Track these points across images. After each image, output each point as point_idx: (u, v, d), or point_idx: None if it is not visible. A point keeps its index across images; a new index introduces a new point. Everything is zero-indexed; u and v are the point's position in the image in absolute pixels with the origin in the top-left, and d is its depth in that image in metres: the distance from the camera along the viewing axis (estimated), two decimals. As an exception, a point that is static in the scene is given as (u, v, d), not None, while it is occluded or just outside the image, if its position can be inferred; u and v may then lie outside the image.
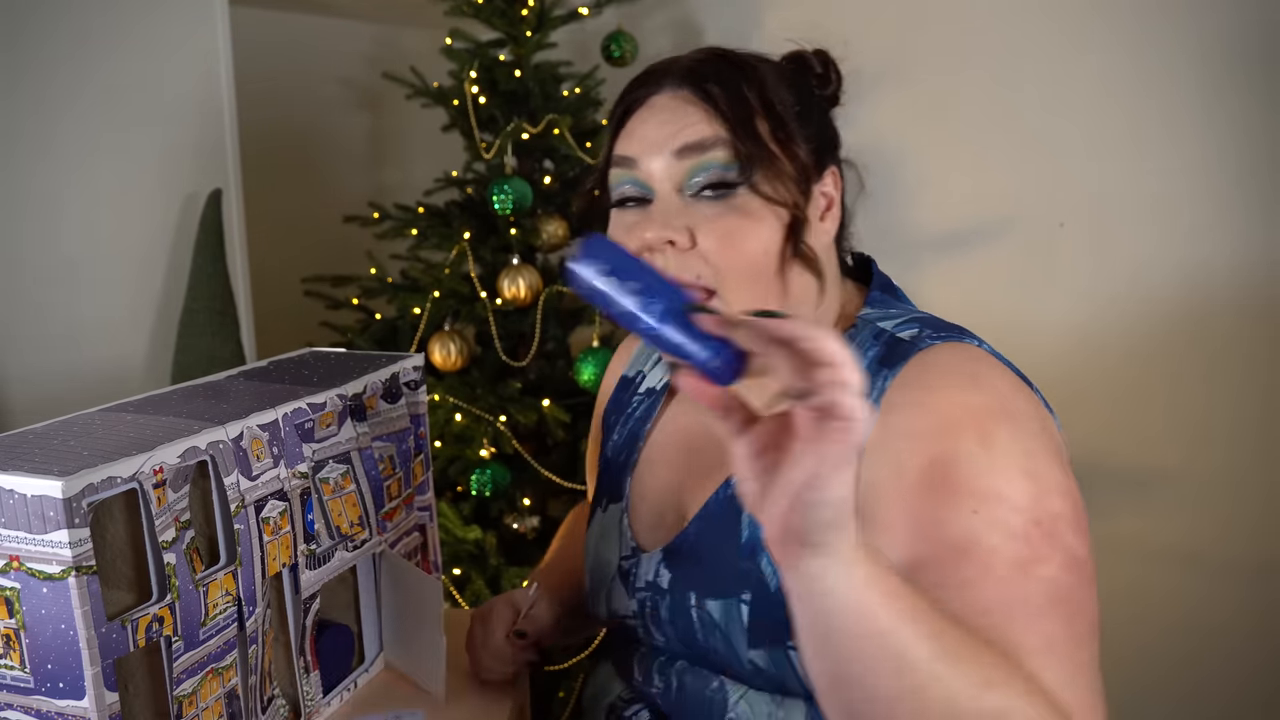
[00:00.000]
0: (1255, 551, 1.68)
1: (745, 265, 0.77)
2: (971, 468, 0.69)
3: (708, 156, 0.77)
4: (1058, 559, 0.67)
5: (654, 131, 0.78)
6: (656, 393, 0.96)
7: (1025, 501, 0.68)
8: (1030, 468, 0.69)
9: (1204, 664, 1.71)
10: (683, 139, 0.77)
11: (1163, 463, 1.73)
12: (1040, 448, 0.71)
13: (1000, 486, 0.68)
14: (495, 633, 0.93)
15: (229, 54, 1.79)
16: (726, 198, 0.77)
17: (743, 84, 0.78)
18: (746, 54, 0.81)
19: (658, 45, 2.16)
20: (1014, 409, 0.72)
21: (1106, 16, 1.69)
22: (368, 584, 0.96)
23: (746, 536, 0.78)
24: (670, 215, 0.77)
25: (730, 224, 0.76)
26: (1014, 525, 0.67)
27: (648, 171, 0.78)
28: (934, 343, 0.76)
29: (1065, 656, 0.65)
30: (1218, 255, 1.66)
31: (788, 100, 0.79)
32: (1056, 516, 0.68)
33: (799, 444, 0.51)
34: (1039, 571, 0.66)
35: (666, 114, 0.79)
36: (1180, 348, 1.71)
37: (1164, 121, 1.68)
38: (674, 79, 0.79)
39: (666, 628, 0.82)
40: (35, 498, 0.61)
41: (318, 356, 1.00)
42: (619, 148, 0.81)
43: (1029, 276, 1.81)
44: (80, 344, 1.70)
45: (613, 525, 0.91)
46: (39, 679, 0.64)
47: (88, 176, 1.69)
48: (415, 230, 1.84)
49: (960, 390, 0.72)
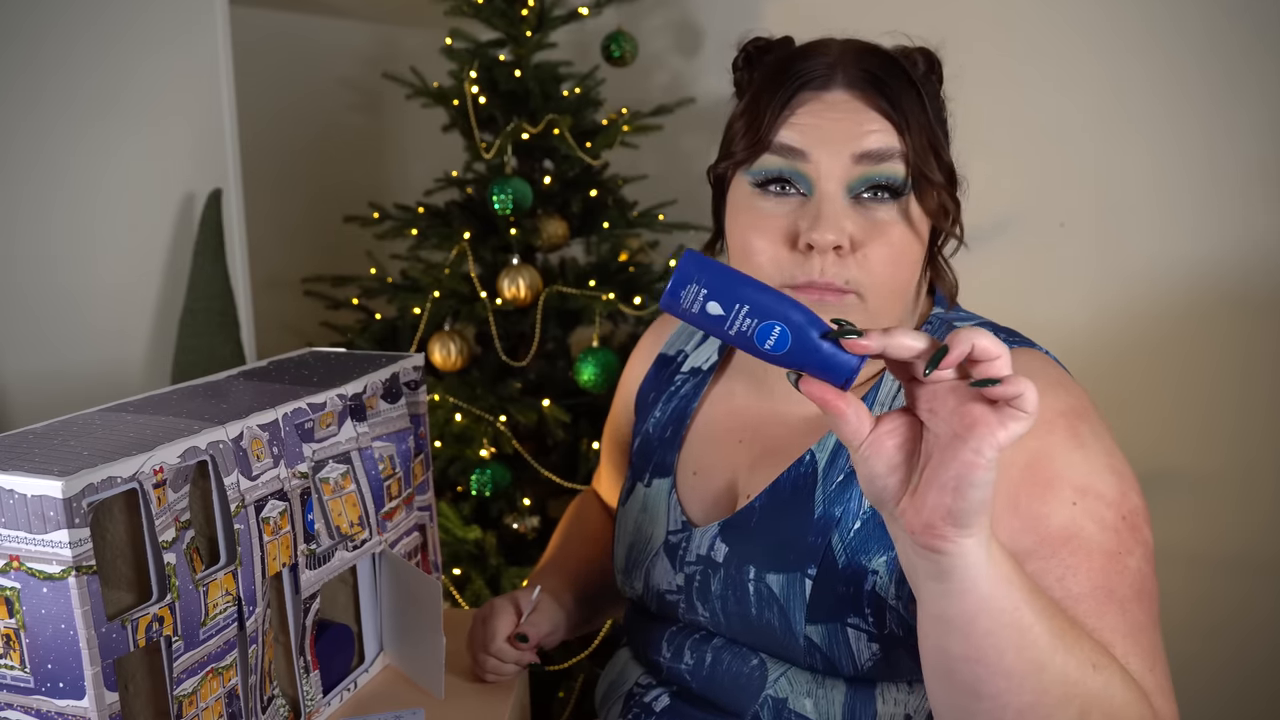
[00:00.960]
0: (1261, 550, 1.68)
1: (897, 280, 0.79)
2: (1067, 463, 0.73)
3: (884, 167, 0.77)
4: (1140, 550, 0.73)
5: (828, 129, 0.77)
6: (704, 372, 0.97)
7: (1114, 496, 0.73)
8: (1114, 465, 0.75)
9: (1210, 662, 1.71)
10: (864, 145, 0.76)
11: (1166, 462, 1.73)
12: (1115, 446, 0.76)
13: (1094, 481, 0.73)
14: (497, 635, 0.93)
15: (229, 54, 1.79)
16: (892, 207, 0.78)
17: (917, 92, 0.78)
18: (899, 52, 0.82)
19: (658, 45, 2.16)
20: (1092, 412, 0.77)
21: (1109, 14, 1.69)
22: (368, 584, 0.96)
23: (820, 513, 0.80)
24: (840, 218, 0.76)
25: (893, 236, 0.78)
26: (1107, 518, 0.72)
27: (816, 167, 0.77)
28: (1012, 347, 0.81)
29: (1147, 643, 0.70)
30: (1220, 254, 1.66)
31: (940, 108, 0.82)
32: (1136, 511, 0.74)
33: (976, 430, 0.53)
34: (1127, 562, 0.71)
35: (844, 114, 0.77)
36: (1183, 347, 1.71)
37: (1165, 120, 1.68)
38: (850, 75, 0.78)
39: (715, 602, 0.83)
40: (35, 498, 0.61)
41: (318, 356, 1.00)
42: (786, 136, 0.78)
43: (1029, 276, 1.81)
44: (80, 344, 1.70)
45: (659, 500, 0.92)
46: (39, 679, 0.64)
47: (87, 176, 1.69)
48: (415, 230, 1.84)
49: (1048, 394, 0.76)
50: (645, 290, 1.81)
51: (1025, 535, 0.72)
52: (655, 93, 2.14)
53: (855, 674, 0.78)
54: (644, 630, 0.92)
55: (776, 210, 0.78)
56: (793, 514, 0.81)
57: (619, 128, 1.79)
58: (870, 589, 0.77)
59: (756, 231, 0.79)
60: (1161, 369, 1.72)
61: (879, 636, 0.76)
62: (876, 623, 0.76)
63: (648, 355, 1.04)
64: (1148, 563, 0.73)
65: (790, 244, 0.77)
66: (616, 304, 1.73)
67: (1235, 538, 1.70)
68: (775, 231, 0.78)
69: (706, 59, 2.12)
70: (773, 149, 0.78)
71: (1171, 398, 1.72)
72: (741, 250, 0.81)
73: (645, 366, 1.03)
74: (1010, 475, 0.73)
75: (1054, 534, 0.72)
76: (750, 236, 0.79)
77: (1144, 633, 0.71)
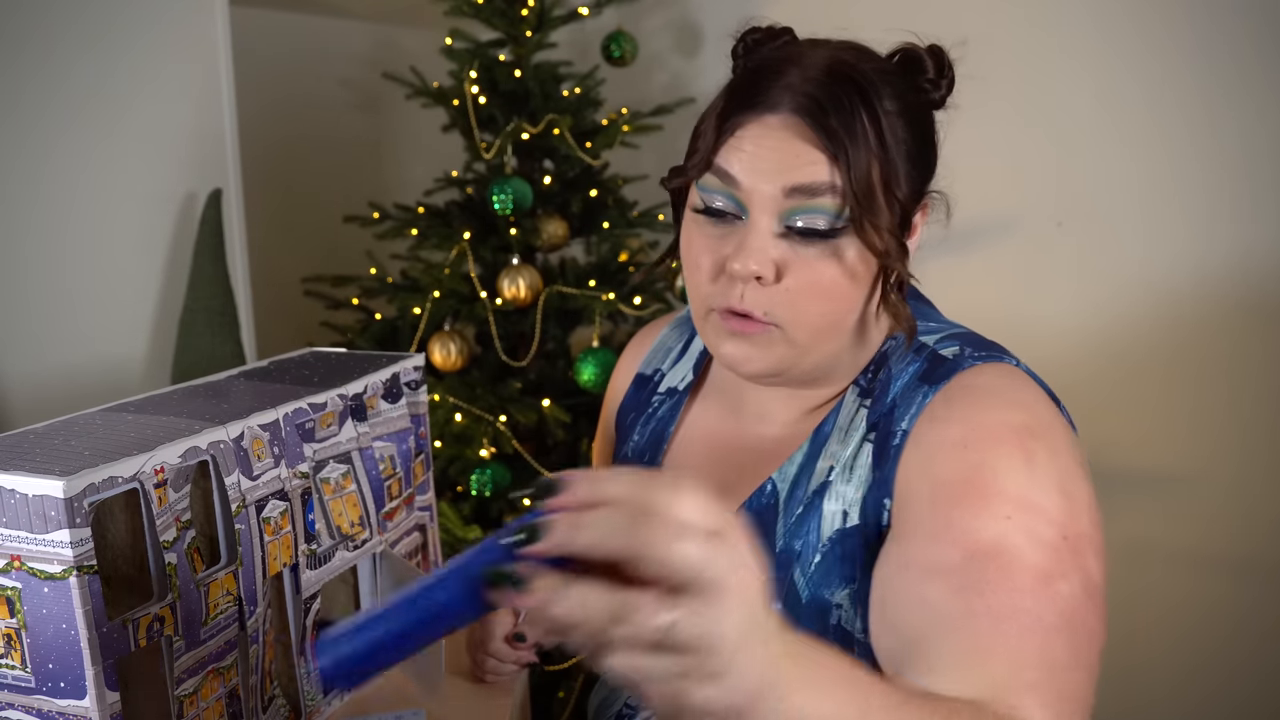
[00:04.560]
0: (1270, 553, 1.67)
1: (820, 316, 0.76)
2: (1011, 478, 0.69)
3: (816, 202, 0.73)
4: (1078, 578, 0.66)
5: (764, 158, 0.74)
6: (679, 392, 0.95)
7: (1059, 516, 0.68)
8: (1066, 486, 0.70)
9: (1223, 666, 1.71)
10: (794, 179, 0.73)
11: (1167, 463, 1.73)
12: (1075, 469, 0.71)
13: (1037, 498, 0.68)
14: (495, 634, 0.94)
15: (229, 54, 1.79)
16: (823, 242, 0.74)
17: (864, 120, 0.73)
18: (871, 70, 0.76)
19: (658, 45, 2.16)
20: (1053, 431, 0.73)
21: (1106, 14, 1.69)
22: (368, 584, 0.96)
23: (781, 547, 0.78)
24: (764, 249, 0.74)
25: (819, 273, 0.75)
26: (1045, 536, 0.67)
27: (749, 195, 0.75)
28: (976, 363, 0.76)
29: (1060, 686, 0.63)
30: (1218, 254, 1.66)
31: (901, 135, 0.75)
32: (1083, 537, 0.68)
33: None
34: (1059, 587, 0.65)
35: (780, 142, 0.74)
36: (1180, 347, 1.71)
37: (1164, 120, 1.68)
38: (792, 101, 0.74)
39: None
40: (36, 497, 0.61)
41: (318, 356, 1.00)
42: (723, 159, 0.76)
43: (1028, 277, 1.81)
44: (80, 344, 1.70)
45: None
46: (40, 679, 0.64)
47: (87, 176, 1.68)
48: (415, 230, 1.84)
49: (1004, 410, 0.73)
50: (645, 290, 1.81)
51: (949, 548, 0.67)
52: (655, 93, 2.14)
53: None
54: None
55: (714, 232, 0.78)
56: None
57: (619, 128, 1.80)
58: (835, 623, 0.75)
59: (694, 252, 0.79)
60: (1158, 369, 1.72)
61: None
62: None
63: (628, 373, 1.02)
64: (1088, 597, 0.66)
65: (720, 268, 0.77)
66: (616, 304, 1.74)
67: (1234, 539, 1.70)
68: (710, 254, 0.77)
69: (706, 59, 2.12)
70: (714, 170, 0.76)
71: (1169, 398, 1.72)
72: (685, 268, 0.81)
73: (625, 384, 1.02)
74: (943, 488, 0.70)
75: (980, 547, 0.66)
76: (689, 257, 0.79)
77: (1060, 673, 0.63)
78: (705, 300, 0.78)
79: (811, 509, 0.78)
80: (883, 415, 0.77)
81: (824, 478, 0.78)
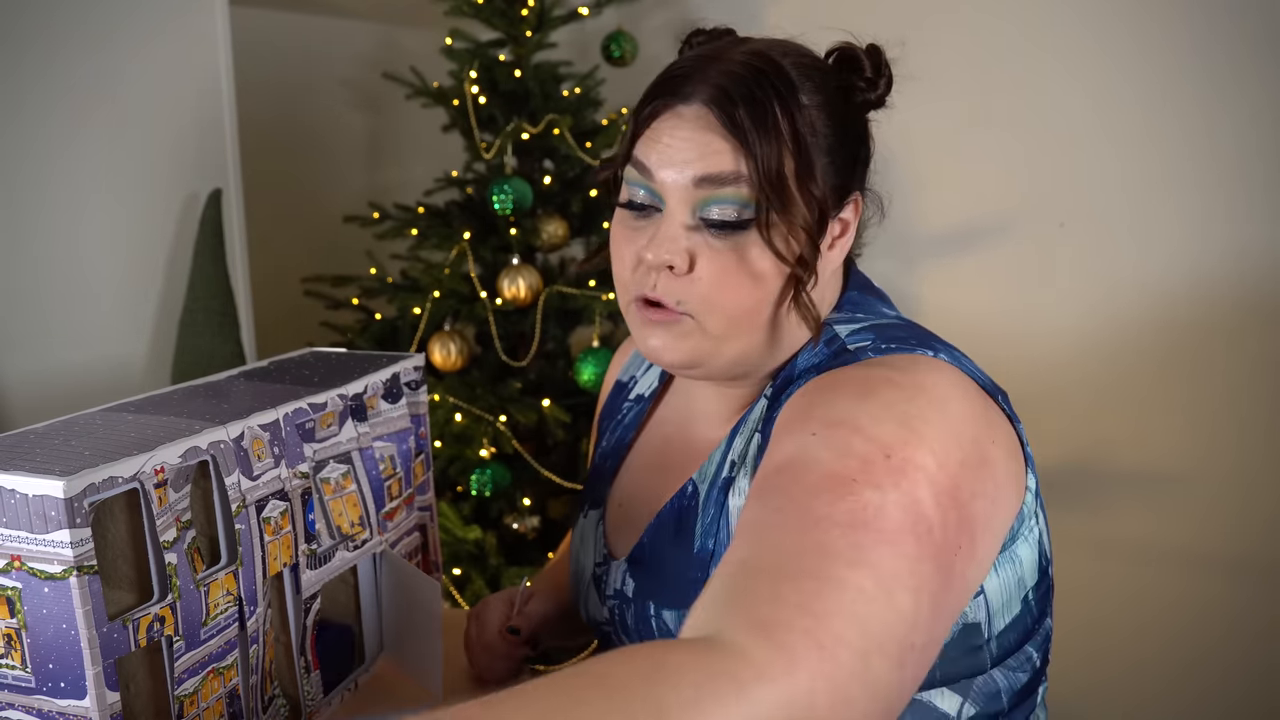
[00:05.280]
0: (1264, 552, 1.67)
1: (733, 307, 0.75)
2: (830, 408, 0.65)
3: (724, 191, 0.73)
4: (895, 496, 0.58)
5: (676, 149, 0.74)
6: (645, 399, 0.95)
7: (885, 438, 0.61)
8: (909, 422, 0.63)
9: (1214, 666, 1.71)
10: (703, 168, 0.73)
11: (1165, 462, 1.73)
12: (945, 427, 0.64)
13: (859, 418, 0.63)
14: (488, 629, 0.94)
15: (229, 54, 1.79)
16: (735, 234, 0.73)
17: (776, 112, 0.72)
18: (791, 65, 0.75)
19: (658, 45, 2.16)
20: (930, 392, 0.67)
21: (1107, 14, 1.70)
22: (368, 584, 0.96)
23: (698, 548, 0.78)
24: (676, 238, 0.74)
25: (731, 264, 0.74)
26: (855, 447, 0.61)
27: (661, 185, 0.75)
28: (880, 354, 0.73)
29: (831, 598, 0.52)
30: (1219, 254, 1.66)
31: (821, 129, 0.74)
32: (914, 465, 0.60)
33: None
34: (864, 495, 0.57)
35: (691, 132, 0.74)
36: (1181, 347, 1.71)
37: (1165, 120, 1.68)
38: (706, 92, 0.73)
39: (633, 637, 0.82)
40: (36, 497, 0.61)
41: (318, 356, 1.00)
42: (639, 151, 0.76)
43: (1029, 277, 1.81)
44: (80, 344, 1.70)
45: (590, 531, 0.92)
46: (40, 679, 0.64)
47: (87, 177, 1.69)
48: (415, 230, 1.84)
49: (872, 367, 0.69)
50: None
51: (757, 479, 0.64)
52: (655, 93, 2.14)
53: None
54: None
55: (635, 225, 0.78)
56: (677, 548, 0.79)
57: (619, 128, 1.80)
58: None
59: (618, 244, 0.79)
60: (1159, 369, 1.72)
61: None
62: None
63: (611, 380, 1.03)
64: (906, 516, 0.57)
65: (638, 259, 0.77)
66: (616, 304, 1.74)
67: (1232, 539, 1.70)
68: (630, 245, 0.77)
69: (706, 59, 2.12)
70: (633, 162, 0.77)
71: (1169, 397, 1.72)
72: (612, 262, 0.81)
73: (607, 392, 1.02)
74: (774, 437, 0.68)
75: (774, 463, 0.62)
76: (614, 250, 0.80)
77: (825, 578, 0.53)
78: (626, 291, 0.79)
79: (720, 507, 0.78)
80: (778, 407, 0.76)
81: (727, 473, 0.78)
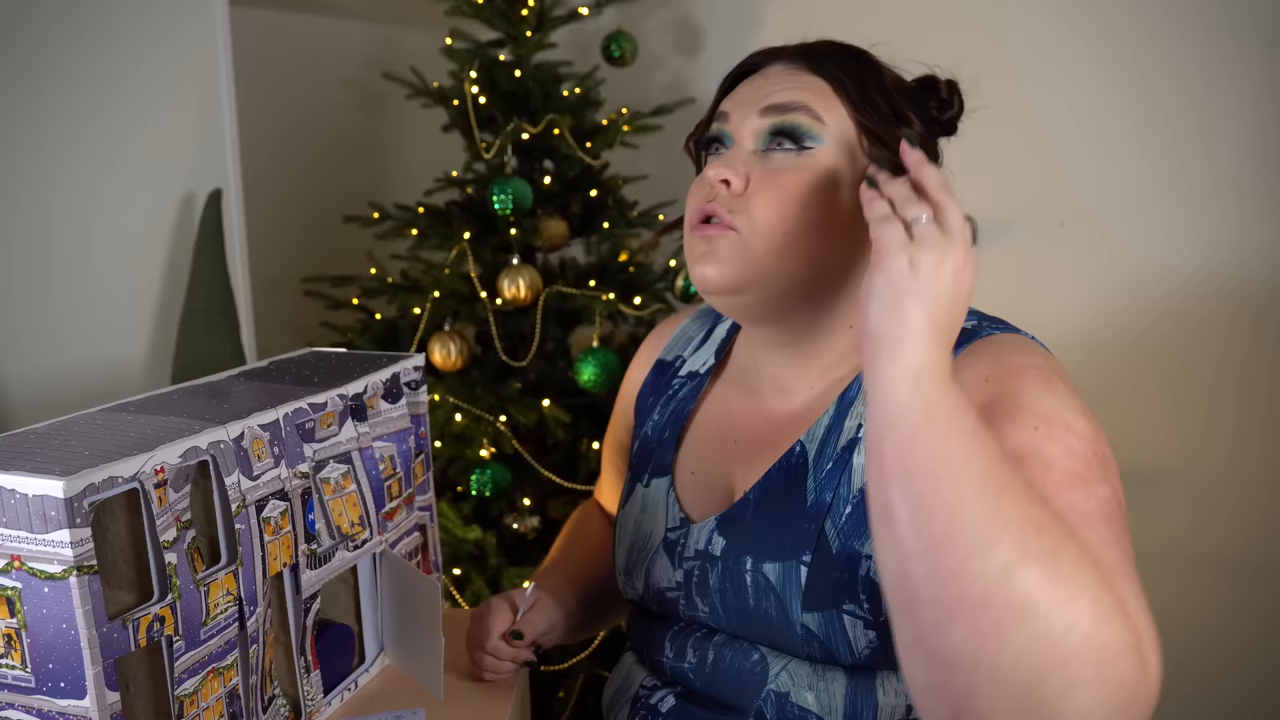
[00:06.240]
0: (1258, 551, 1.68)
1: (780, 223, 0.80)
2: (1038, 400, 0.72)
3: (787, 117, 0.81)
4: (1109, 489, 0.68)
5: (751, 93, 0.84)
6: (700, 375, 0.98)
7: (1086, 433, 0.70)
8: (1089, 414, 0.73)
9: (1207, 665, 1.71)
10: (771, 99, 0.82)
11: (1164, 463, 1.73)
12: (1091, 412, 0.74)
13: (1065, 416, 0.71)
14: (491, 632, 0.94)
15: (229, 54, 1.79)
16: (793, 154, 0.81)
17: (855, 66, 0.83)
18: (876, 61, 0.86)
19: (658, 45, 2.16)
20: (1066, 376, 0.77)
21: (1107, 13, 1.70)
22: (368, 584, 0.96)
23: (812, 500, 0.81)
24: (736, 160, 0.82)
25: (785, 184, 0.80)
26: (1075, 448, 0.69)
27: (735, 125, 0.84)
28: (994, 332, 0.80)
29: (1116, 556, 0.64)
30: (1220, 254, 1.66)
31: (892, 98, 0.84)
32: (1109, 460, 0.71)
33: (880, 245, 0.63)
34: (1096, 489, 0.67)
35: (767, 79, 0.85)
36: (1181, 347, 1.71)
37: (1165, 120, 1.68)
38: (792, 54, 0.86)
39: (713, 596, 0.84)
40: (37, 497, 0.61)
41: (318, 356, 1.00)
42: (723, 105, 0.86)
43: (1028, 276, 1.81)
44: (80, 344, 1.70)
45: (657, 498, 0.94)
46: (40, 678, 0.64)
47: (87, 176, 1.69)
48: (415, 230, 1.84)
49: (1026, 354, 0.76)
50: (645, 290, 1.81)
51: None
52: (655, 93, 2.14)
53: (854, 663, 0.78)
54: (646, 632, 0.92)
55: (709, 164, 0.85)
56: (786, 503, 0.82)
57: (619, 128, 1.80)
58: (865, 574, 0.77)
59: (690, 193, 0.86)
60: (1159, 369, 1.73)
61: (875, 623, 0.76)
62: (872, 609, 0.76)
63: (647, 361, 1.06)
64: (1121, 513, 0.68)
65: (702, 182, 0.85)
66: (616, 304, 1.74)
67: (1232, 539, 1.70)
68: (699, 185, 0.85)
69: (706, 59, 2.12)
70: (717, 116, 0.87)
71: (1169, 397, 1.72)
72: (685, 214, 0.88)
73: (645, 372, 1.05)
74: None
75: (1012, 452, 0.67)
76: (687, 199, 0.87)
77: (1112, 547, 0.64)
78: (688, 222, 0.85)
79: (841, 463, 0.80)
80: None
81: (853, 434, 0.81)
